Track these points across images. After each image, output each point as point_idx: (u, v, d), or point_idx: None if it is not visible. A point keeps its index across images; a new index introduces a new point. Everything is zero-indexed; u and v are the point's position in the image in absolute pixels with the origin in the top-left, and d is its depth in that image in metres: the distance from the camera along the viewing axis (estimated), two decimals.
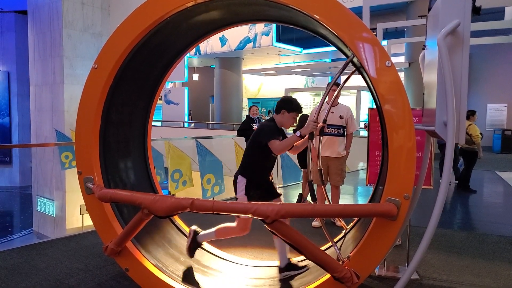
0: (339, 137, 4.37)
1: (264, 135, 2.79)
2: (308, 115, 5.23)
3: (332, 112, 4.31)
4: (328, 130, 4.33)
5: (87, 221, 11.29)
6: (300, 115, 5.41)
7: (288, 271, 2.86)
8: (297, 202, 2.83)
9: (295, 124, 4.82)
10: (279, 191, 3.06)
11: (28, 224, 14.57)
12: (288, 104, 2.86)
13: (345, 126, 4.41)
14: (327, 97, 4.31)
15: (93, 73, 2.78)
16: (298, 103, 2.90)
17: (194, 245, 2.99)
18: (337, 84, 4.08)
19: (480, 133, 6.80)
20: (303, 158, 5.59)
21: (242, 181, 2.86)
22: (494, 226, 4.86)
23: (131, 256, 2.73)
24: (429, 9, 2.46)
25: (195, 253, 3.01)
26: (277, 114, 2.91)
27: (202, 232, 3.04)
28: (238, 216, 2.78)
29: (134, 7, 2.71)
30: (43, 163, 13.48)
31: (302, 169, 5.78)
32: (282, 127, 2.93)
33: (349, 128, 4.44)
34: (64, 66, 12.73)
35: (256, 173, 2.89)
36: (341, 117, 4.35)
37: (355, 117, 12.47)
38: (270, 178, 3.01)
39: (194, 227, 3.06)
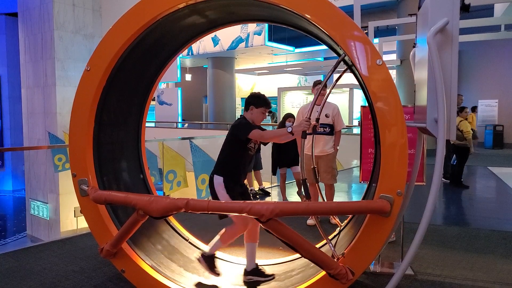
0: (325, 135, 4.33)
1: (241, 130, 2.76)
2: (291, 114, 5.21)
3: (317, 111, 4.29)
4: (319, 129, 4.30)
5: (82, 224, 11.22)
6: (285, 113, 5.43)
7: (253, 275, 2.85)
8: (302, 187, 2.81)
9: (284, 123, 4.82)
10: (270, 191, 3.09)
11: (21, 228, 14.44)
12: (255, 100, 2.86)
13: (332, 124, 4.36)
14: (313, 95, 4.35)
15: (86, 75, 2.77)
16: (266, 98, 2.89)
17: (210, 262, 2.90)
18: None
19: (472, 129, 6.87)
20: (279, 155, 5.53)
21: (219, 181, 2.80)
22: (487, 221, 4.93)
23: (127, 258, 2.73)
24: (419, 7, 2.49)
25: (216, 265, 2.92)
26: (246, 111, 2.90)
27: (208, 247, 2.96)
28: (230, 215, 2.75)
29: (126, 8, 2.71)
30: (36, 166, 13.37)
31: (279, 169, 5.64)
32: (254, 123, 2.91)
33: (336, 125, 4.40)
34: (56, 68, 12.63)
35: (232, 170, 2.85)
36: (326, 116, 4.29)
37: (348, 115, 12.46)
38: (245, 181, 3.00)
39: (196, 253, 2.99)
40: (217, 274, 2.87)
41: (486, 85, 15.38)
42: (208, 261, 2.88)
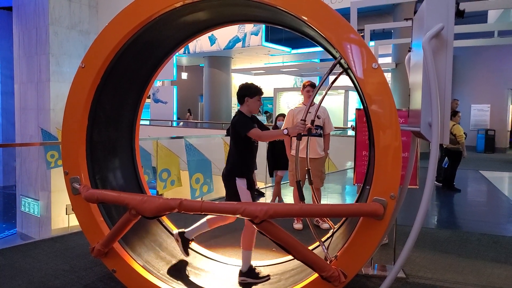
0: (316, 137, 4.29)
1: (241, 128, 2.82)
2: (283, 114, 5.21)
3: (309, 112, 4.25)
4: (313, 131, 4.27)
5: (73, 222, 11.13)
6: (278, 114, 5.45)
7: (248, 277, 2.88)
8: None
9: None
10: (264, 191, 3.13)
11: (11, 225, 14.28)
12: (248, 90, 2.91)
13: (322, 126, 4.32)
14: (303, 98, 4.44)
15: (81, 72, 2.74)
16: (256, 86, 2.94)
17: (185, 244, 2.99)
18: (313, 85, 4.26)
19: (464, 133, 6.93)
20: (273, 160, 5.57)
21: (243, 182, 2.88)
22: (478, 224, 4.97)
23: (119, 257, 2.70)
24: (415, 12, 2.50)
25: (189, 250, 3.03)
26: (242, 105, 2.93)
27: (189, 229, 3.03)
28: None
29: (123, 4, 2.69)
30: (27, 163, 13.23)
31: (274, 170, 5.66)
32: (252, 113, 2.97)
33: (326, 128, 4.34)
34: (50, 63, 12.52)
35: (248, 168, 2.93)
36: (318, 117, 4.23)
37: (343, 118, 12.47)
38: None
39: (176, 231, 3.05)
40: (187, 255, 2.99)
41: (479, 90, 15.52)
42: (184, 242, 2.97)
